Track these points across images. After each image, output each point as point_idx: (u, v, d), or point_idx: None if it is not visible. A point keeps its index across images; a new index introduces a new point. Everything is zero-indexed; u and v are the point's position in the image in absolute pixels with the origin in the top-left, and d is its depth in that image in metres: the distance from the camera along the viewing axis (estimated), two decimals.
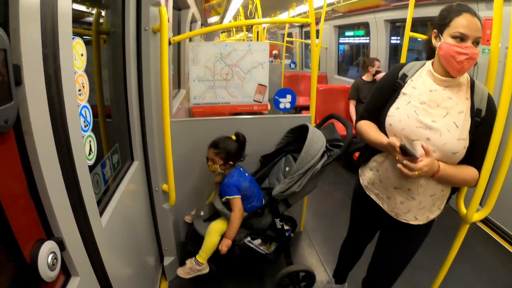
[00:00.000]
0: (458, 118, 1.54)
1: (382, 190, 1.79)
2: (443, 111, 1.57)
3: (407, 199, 1.69)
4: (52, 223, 1.02)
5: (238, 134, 2.43)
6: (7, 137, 0.85)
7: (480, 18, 1.48)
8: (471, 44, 1.46)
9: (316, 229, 3.44)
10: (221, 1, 6.53)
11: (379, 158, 1.79)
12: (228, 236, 2.33)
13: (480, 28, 1.46)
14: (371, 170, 1.85)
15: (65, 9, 1.08)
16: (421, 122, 1.57)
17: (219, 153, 2.35)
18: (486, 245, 3.26)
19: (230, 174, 2.40)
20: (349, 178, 4.62)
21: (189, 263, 2.41)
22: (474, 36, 1.46)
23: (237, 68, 2.96)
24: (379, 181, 1.79)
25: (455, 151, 1.54)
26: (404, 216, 1.74)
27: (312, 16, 2.55)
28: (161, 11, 1.97)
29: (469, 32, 1.46)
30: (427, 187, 1.65)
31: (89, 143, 1.42)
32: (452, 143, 1.53)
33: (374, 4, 5.09)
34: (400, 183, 1.68)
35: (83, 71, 1.38)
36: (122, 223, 1.81)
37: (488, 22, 3.26)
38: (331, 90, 5.60)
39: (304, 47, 9.76)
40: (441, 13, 1.57)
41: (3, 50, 0.78)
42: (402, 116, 1.62)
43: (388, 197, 1.77)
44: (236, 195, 2.32)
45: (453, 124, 1.54)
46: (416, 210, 1.71)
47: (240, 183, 2.34)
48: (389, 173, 1.72)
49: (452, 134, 1.53)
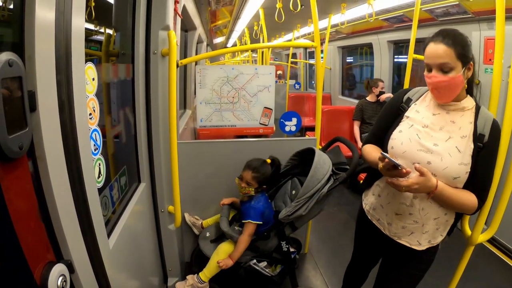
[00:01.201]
0: (460, 142, 1.53)
1: (383, 215, 1.77)
2: (446, 135, 1.56)
3: (409, 224, 1.67)
4: (62, 246, 1.03)
5: (274, 159, 2.44)
6: (21, 162, 0.87)
7: (452, 42, 1.44)
8: (435, 73, 1.48)
9: (321, 251, 3.41)
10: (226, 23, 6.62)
11: (381, 182, 1.78)
12: (232, 257, 2.31)
13: (442, 54, 1.45)
14: (373, 195, 1.85)
15: (78, 35, 1.11)
16: (422, 146, 1.56)
17: (257, 177, 2.34)
18: (492, 263, 3.22)
19: (258, 199, 2.38)
20: (353, 199, 4.60)
21: (190, 280, 2.38)
22: (435, 64, 1.47)
23: (244, 91, 3.00)
24: (381, 206, 1.78)
25: (456, 176, 1.52)
26: (406, 238, 1.71)
27: (318, 39, 2.58)
28: (170, 35, 2.01)
29: (430, 61, 1.49)
30: (429, 210, 1.62)
31: (98, 166, 1.44)
32: (453, 167, 1.51)
33: (377, 26, 5.15)
34: (400, 208, 1.66)
35: (94, 95, 1.41)
36: (129, 245, 1.82)
37: (490, 42, 3.29)
38: (335, 111, 5.62)
39: (308, 67, 9.83)
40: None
41: (18, 77, 0.80)
42: (404, 139, 1.62)
43: (389, 223, 1.74)
44: (257, 221, 2.31)
45: (455, 149, 1.53)
46: (420, 234, 1.67)
47: (265, 211, 2.33)
48: (390, 199, 1.71)
49: (453, 159, 1.51)
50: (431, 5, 3.63)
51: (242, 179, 2.37)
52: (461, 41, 1.45)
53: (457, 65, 1.45)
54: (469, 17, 3.50)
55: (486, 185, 1.59)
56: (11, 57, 0.77)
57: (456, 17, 3.63)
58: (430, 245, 1.70)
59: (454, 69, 1.46)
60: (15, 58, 0.78)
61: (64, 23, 1.00)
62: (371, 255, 2.09)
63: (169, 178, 2.24)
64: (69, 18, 1.02)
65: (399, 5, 4.10)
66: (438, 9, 3.66)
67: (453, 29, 1.49)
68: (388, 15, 4.49)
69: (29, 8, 0.84)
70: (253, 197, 2.39)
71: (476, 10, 3.31)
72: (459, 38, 1.46)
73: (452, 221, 1.69)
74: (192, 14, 3.81)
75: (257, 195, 2.40)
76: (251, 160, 2.42)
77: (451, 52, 1.43)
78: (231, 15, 5.54)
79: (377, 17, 4.44)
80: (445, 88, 1.50)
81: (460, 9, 3.42)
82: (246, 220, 2.31)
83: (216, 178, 2.69)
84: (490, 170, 1.58)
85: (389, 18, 4.62)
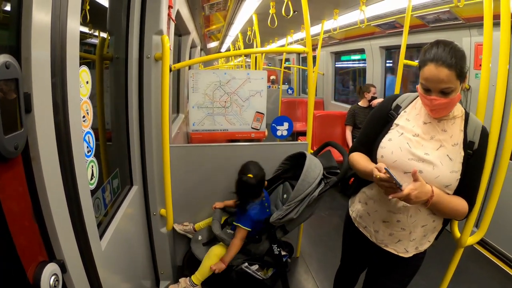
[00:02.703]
0: (452, 150, 1.54)
1: (370, 223, 1.76)
2: (437, 143, 1.56)
3: (397, 231, 1.66)
4: (55, 245, 1.04)
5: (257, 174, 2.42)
6: (16, 163, 0.88)
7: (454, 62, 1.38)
8: (435, 96, 1.45)
9: (313, 255, 3.43)
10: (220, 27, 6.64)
11: (368, 190, 1.77)
12: (224, 261, 2.32)
13: (445, 79, 1.39)
14: (360, 202, 1.84)
15: (73, 38, 1.13)
16: (413, 155, 1.56)
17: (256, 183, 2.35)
18: (482, 266, 3.25)
19: (252, 206, 2.37)
20: (345, 203, 4.53)
21: (183, 283, 2.39)
22: (437, 89, 1.43)
23: (236, 96, 3.01)
24: (367, 214, 1.77)
25: (448, 184, 1.52)
26: (393, 246, 1.70)
27: (309, 45, 2.61)
28: (163, 40, 2.03)
29: (431, 85, 1.44)
30: (417, 217, 1.61)
31: (91, 168, 1.45)
32: (445, 176, 1.51)
33: (369, 32, 5.19)
34: (388, 216, 1.66)
35: (88, 97, 1.42)
36: (121, 247, 1.82)
37: (480, 47, 3.34)
38: (327, 116, 5.65)
39: (302, 72, 9.88)
40: (420, 54, 1.51)
41: (15, 79, 0.82)
42: (395, 148, 1.60)
43: (376, 231, 1.74)
44: (247, 227, 2.31)
45: (446, 157, 1.53)
46: (407, 241, 1.67)
47: (257, 219, 2.33)
48: (377, 207, 1.71)
49: (445, 167, 1.52)
50: (422, 12, 3.67)
51: None
52: (460, 58, 1.40)
53: (457, 85, 1.43)
54: (459, 23, 3.55)
55: (475, 190, 1.60)
56: (8, 59, 0.78)
57: (447, 23, 3.67)
58: (417, 252, 1.71)
59: (454, 90, 1.43)
60: (12, 61, 0.80)
61: (59, 26, 1.01)
62: (358, 261, 2.09)
63: (161, 181, 2.24)
64: (64, 21, 1.04)
65: (391, 11, 4.14)
66: (429, 16, 3.70)
67: (450, 43, 1.44)
68: (380, 21, 4.54)
69: (26, 11, 0.86)
70: (248, 203, 2.39)
71: (466, 16, 3.36)
72: (459, 55, 1.41)
73: (440, 227, 1.70)
74: (186, 19, 3.83)
75: (254, 201, 2.40)
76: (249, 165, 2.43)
77: (453, 74, 1.39)
78: (225, 20, 5.56)
79: (369, 23, 4.48)
80: (444, 108, 1.49)
81: (451, 15, 3.46)
82: (237, 224, 2.33)
83: (208, 182, 2.71)
84: (479, 175, 1.59)
85: (381, 24, 4.66)
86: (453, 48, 1.42)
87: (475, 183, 1.58)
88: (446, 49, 1.41)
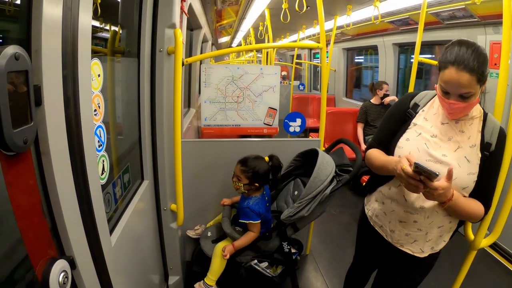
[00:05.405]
0: (470, 152, 1.51)
1: (386, 223, 1.75)
2: (455, 145, 1.53)
3: (413, 231, 1.64)
4: (65, 242, 1.02)
5: (273, 157, 2.38)
6: (25, 157, 0.86)
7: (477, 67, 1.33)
8: (453, 100, 1.42)
9: (322, 253, 3.41)
10: (232, 22, 6.62)
11: (385, 189, 1.74)
12: (236, 245, 2.28)
13: (466, 84, 1.35)
14: (377, 201, 1.81)
15: (85, 31, 1.10)
16: (431, 156, 1.53)
17: (246, 171, 2.27)
18: (493, 269, 3.21)
19: (252, 200, 2.32)
20: (356, 201, 4.58)
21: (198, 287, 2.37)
22: (456, 93, 1.40)
23: (248, 91, 3.00)
24: (384, 214, 1.76)
25: (465, 186, 1.50)
26: (409, 246, 1.69)
27: (323, 40, 2.58)
28: (176, 33, 2.01)
29: (450, 89, 1.41)
30: (434, 218, 1.59)
31: (102, 162, 1.43)
32: (463, 178, 1.49)
33: (382, 28, 5.13)
34: (405, 216, 1.64)
35: (100, 91, 1.40)
36: (130, 242, 1.81)
37: (495, 46, 3.28)
38: (339, 113, 5.58)
39: (313, 68, 9.83)
40: (441, 54, 1.47)
41: (25, 71, 0.80)
42: (412, 148, 1.58)
43: (392, 230, 1.72)
44: (257, 220, 2.27)
45: (464, 159, 1.50)
46: (423, 242, 1.66)
47: (261, 212, 2.29)
48: (394, 206, 1.68)
49: (462, 169, 1.49)
50: (437, 8, 3.61)
51: (234, 173, 2.34)
52: (482, 63, 1.35)
53: (477, 90, 1.38)
54: (475, 21, 3.48)
55: (491, 193, 1.56)
56: (17, 50, 0.76)
57: (462, 20, 3.61)
58: (433, 251, 1.69)
59: (474, 94, 1.40)
60: (21, 52, 0.78)
61: (71, 19, 0.99)
62: (372, 259, 2.07)
63: (172, 176, 2.23)
64: (76, 14, 1.02)
65: (405, 7, 4.08)
66: (444, 13, 3.64)
67: (473, 44, 1.39)
68: (394, 17, 4.48)
69: (36, 2, 0.84)
70: (247, 197, 2.35)
71: (482, 14, 3.30)
72: (481, 58, 1.36)
73: (455, 228, 1.68)
74: (198, 13, 3.81)
75: (253, 196, 2.35)
76: (246, 156, 2.37)
77: (474, 80, 1.34)
78: (237, 15, 5.55)
79: (383, 20, 4.43)
80: (463, 111, 1.46)
81: (466, 13, 3.40)
82: (247, 221, 2.28)
83: (219, 177, 2.70)
84: (496, 178, 1.56)
85: (395, 21, 4.61)
86: (476, 50, 1.36)
87: (491, 185, 1.55)
88: (469, 51, 1.36)
